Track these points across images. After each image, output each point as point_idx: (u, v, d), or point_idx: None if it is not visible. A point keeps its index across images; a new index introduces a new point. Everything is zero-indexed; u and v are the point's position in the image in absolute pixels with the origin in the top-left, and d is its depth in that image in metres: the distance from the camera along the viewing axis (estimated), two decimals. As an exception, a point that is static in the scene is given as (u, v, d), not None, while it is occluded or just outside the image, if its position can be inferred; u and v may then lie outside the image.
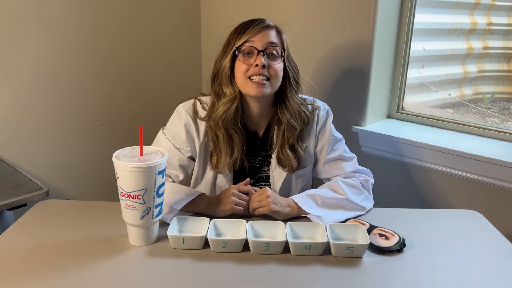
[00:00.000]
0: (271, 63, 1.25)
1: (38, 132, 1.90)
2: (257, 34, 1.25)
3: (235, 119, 1.29)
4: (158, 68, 2.24)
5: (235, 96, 1.28)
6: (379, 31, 1.74)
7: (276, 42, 1.27)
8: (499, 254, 1.11)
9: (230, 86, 1.28)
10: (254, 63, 1.23)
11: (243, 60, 1.25)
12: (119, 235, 1.13)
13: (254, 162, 1.37)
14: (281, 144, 1.32)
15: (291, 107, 1.31)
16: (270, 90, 1.26)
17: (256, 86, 1.24)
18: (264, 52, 1.24)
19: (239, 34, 1.26)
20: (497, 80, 1.91)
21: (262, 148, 1.37)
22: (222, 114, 1.27)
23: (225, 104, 1.27)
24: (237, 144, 1.29)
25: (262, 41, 1.24)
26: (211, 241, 1.08)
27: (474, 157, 1.60)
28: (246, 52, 1.25)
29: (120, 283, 0.97)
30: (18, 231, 1.17)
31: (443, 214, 1.34)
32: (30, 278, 0.97)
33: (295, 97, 1.33)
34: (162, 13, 2.19)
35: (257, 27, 1.25)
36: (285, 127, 1.32)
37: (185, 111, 1.33)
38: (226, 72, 1.27)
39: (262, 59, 1.23)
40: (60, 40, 1.87)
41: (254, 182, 1.38)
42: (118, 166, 1.03)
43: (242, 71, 1.25)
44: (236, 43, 1.26)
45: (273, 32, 1.28)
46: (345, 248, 1.06)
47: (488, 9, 1.85)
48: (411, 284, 0.98)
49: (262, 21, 1.28)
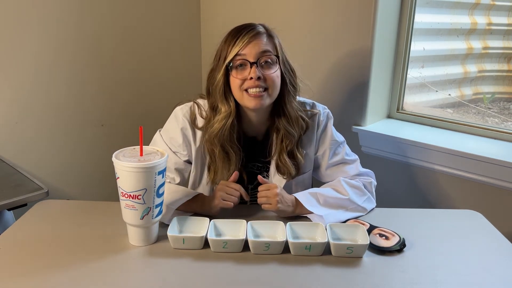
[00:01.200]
0: (266, 73, 1.19)
1: (38, 132, 1.90)
2: (247, 44, 1.18)
3: (231, 135, 1.25)
4: (158, 68, 2.24)
5: (230, 112, 1.23)
6: (379, 31, 1.74)
7: (268, 49, 1.20)
8: (499, 254, 1.11)
9: (225, 103, 1.23)
10: (249, 76, 1.18)
11: (236, 74, 1.20)
12: (119, 235, 1.13)
13: (253, 168, 1.36)
14: (280, 151, 1.29)
15: (289, 114, 1.27)
16: (268, 100, 1.22)
17: (254, 98, 1.19)
18: (257, 63, 1.18)
19: (229, 46, 1.20)
20: (497, 80, 1.91)
21: (261, 153, 1.35)
22: (218, 131, 1.23)
23: (220, 121, 1.23)
24: (233, 160, 1.27)
25: (254, 51, 1.18)
26: (211, 241, 1.08)
27: (474, 157, 1.60)
28: (238, 65, 1.19)
29: (120, 283, 0.97)
30: (18, 231, 1.17)
31: (443, 214, 1.34)
32: (30, 278, 0.97)
33: (293, 103, 1.28)
34: (162, 13, 2.19)
35: (247, 37, 1.18)
36: (283, 134, 1.28)
37: (182, 115, 1.30)
38: (220, 88, 1.22)
39: (256, 71, 1.17)
40: (60, 40, 1.88)
41: (253, 187, 1.36)
42: (118, 166, 1.03)
43: (237, 86, 1.20)
44: (228, 57, 1.19)
45: (264, 38, 1.21)
46: (345, 248, 1.06)
47: (488, 9, 1.85)
48: (411, 284, 0.98)
49: (251, 29, 1.20)
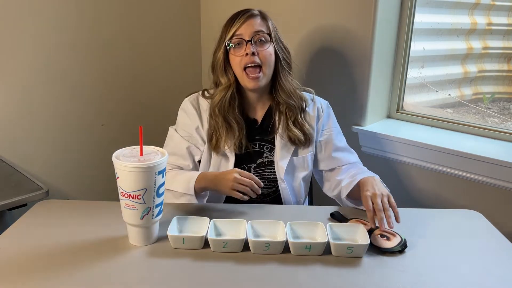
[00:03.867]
0: (260, 50, 1.33)
1: (38, 132, 1.90)
2: (242, 24, 1.33)
3: (231, 106, 1.37)
4: (158, 68, 2.24)
5: (230, 84, 1.37)
6: (379, 31, 1.74)
7: (261, 29, 1.34)
8: (499, 254, 1.12)
9: (225, 76, 1.37)
10: (244, 52, 1.32)
11: (234, 52, 1.34)
12: (119, 235, 1.13)
13: (255, 147, 1.41)
14: (286, 124, 1.39)
15: (285, 87, 1.38)
16: (265, 80, 1.36)
17: (252, 80, 1.33)
18: (251, 41, 1.33)
19: (228, 27, 1.36)
20: (497, 80, 1.91)
21: (261, 133, 1.42)
22: (218, 101, 1.36)
23: (221, 92, 1.37)
24: (236, 128, 1.36)
25: (249, 30, 1.33)
26: (211, 241, 1.08)
27: (474, 157, 1.60)
28: (236, 44, 1.34)
29: (120, 283, 0.97)
30: (18, 231, 1.17)
31: (443, 214, 1.34)
32: (30, 278, 0.97)
33: (289, 77, 1.40)
34: (162, 12, 2.19)
35: (242, 18, 1.34)
36: (285, 108, 1.39)
37: (189, 103, 1.43)
38: (221, 64, 1.37)
39: (250, 47, 1.32)
40: (60, 40, 1.87)
41: (256, 166, 1.41)
42: (118, 166, 1.03)
43: (237, 63, 1.34)
44: (226, 37, 1.35)
45: (258, 19, 1.36)
46: (345, 248, 1.06)
47: (488, 9, 1.85)
48: (411, 284, 0.98)
49: (246, 11, 1.36)
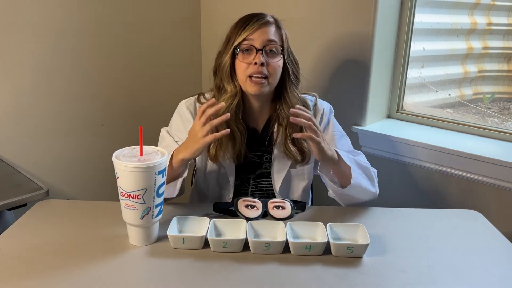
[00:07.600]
0: (270, 61, 1.26)
1: (38, 132, 1.90)
2: (256, 31, 1.25)
3: (236, 114, 1.31)
4: (158, 68, 2.24)
5: (236, 93, 1.30)
6: (379, 31, 1.74)
7: (275, 39, 1.27)
8: (499, 254, 1.11)
9: (231, 83, 1.30)
10: (253, 61, 1.24)
11: (242, 58, 1.26)
12: (119, 235, 1.13)
13: (254, 158, 1.39)
14: (285, 139, 1.34)
15: (290, 102, 1.32)
16: (268, 88, 1.29)
17: (255, 85, 1.26)
18: (263, 50, 1.25)
19: (239, 31, 1.27)
20: (497, 80, 1.91)
21: (261, 143, 1.38)
22: (224, 110, 1.26)
23: (227, 100, 1.29)
24: (238, 139, 1.31)
25: (261, 38, 1.25)
26: (211, 241, 1.08)
27: (474, 157, 1.60)
28: (245, 49, 1.26)
29: (120, 283, 0.97)
30: (18, 231, 1.17)
31: (443, 214, 1.34)
32: (30, 278, 0.97)
33: (295, 92, 1.34)
34: (162, 13, 2.19)
35: (256, 24, 1.25)
36: (286, 123, 1.33)
37: (186, 107, 1.37)
38: (227, 69, 1.29)
39: (261, 57, 1.24)
40: (60, 40, 1.87)
41: (255, 177, 1.39)
42: (118, 166, 1.03)
43: (242, 69, 1.27)
44: (236, 40, 1.26)
45: (273, 28, 1.28)
46: (345, 248, 1.06)
47: (488, 9, 1.85)
48: (411, 284, 0.98)
49: (261, 17, 1.28)
